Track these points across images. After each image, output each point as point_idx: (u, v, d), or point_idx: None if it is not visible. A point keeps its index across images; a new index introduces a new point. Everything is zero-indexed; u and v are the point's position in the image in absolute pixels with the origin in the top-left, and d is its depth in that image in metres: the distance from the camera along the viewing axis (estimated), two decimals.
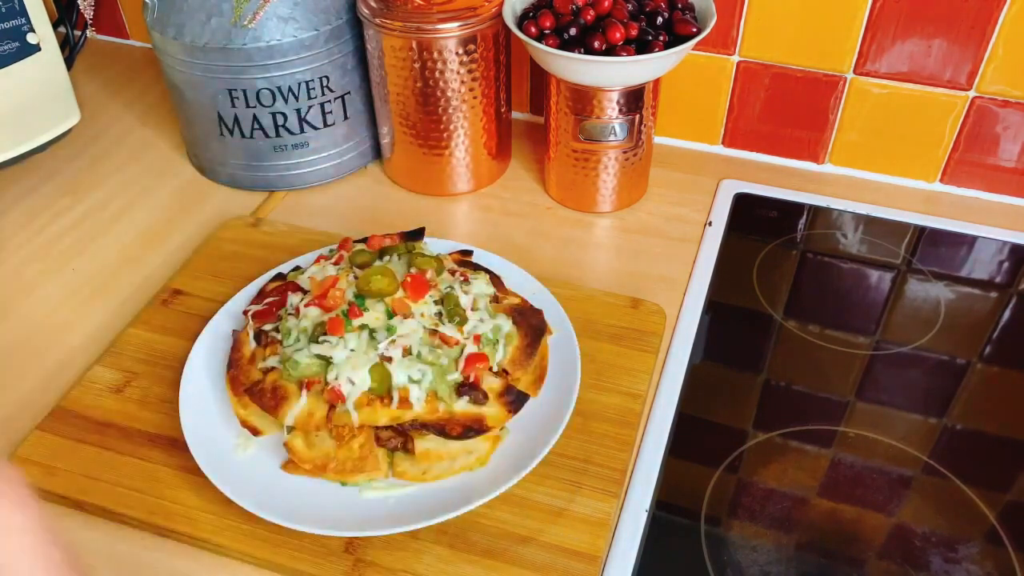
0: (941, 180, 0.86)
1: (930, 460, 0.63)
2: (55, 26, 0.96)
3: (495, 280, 0.67)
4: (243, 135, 0.82)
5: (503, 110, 0.84)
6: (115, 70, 1.07)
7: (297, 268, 0.68)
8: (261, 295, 0.66)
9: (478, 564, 0.55)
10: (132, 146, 0.94)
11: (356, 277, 0.61)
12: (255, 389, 0.59)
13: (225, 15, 0.76)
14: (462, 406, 0.58)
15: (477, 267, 0.68)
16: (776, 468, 0.62)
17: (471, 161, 0.84)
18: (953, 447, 0.64)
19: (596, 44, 0.71)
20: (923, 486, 0.61)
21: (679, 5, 0.75)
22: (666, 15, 0.74)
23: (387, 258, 0.64)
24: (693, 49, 0.81)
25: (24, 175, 0.89)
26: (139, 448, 0.61)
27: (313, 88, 0.80)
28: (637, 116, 0.76)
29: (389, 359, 0.57)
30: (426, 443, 0.58)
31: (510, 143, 0.90)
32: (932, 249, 0.80)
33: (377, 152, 0.90)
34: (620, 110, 0.75)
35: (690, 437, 0.64)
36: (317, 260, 0.65)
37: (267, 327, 0.62)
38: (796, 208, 0.85)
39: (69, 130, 0.85)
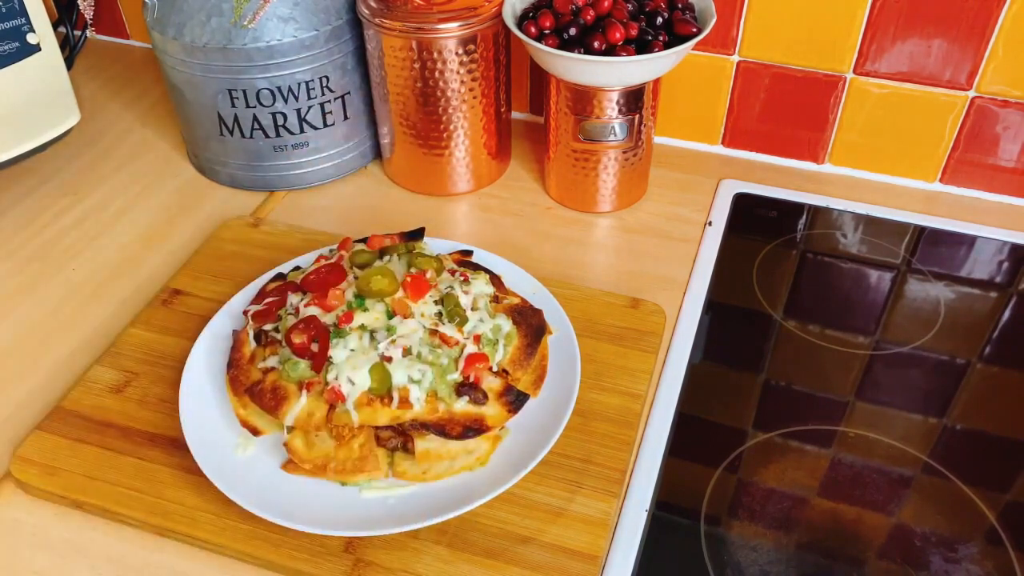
0: (941, 180, 0.86)
1: (930, 460, 0.63)
2: (55, 26, 0.96)
3: (495, 280, 0.67)
4: (243, 135, 0.82)
5: (503, 110, 0.84)
6: (115, 70, 1.07)
7: (297, 268, 0.68)
8: (261, 295, 0.66)
9: (478, 564, 0.55)
10: (132, 146, 0.94)
11: (356, 277, 0.61)
12: (255, 389, 0.59)
13: (225, 15, 0.76)
14: (462, 406, 0.58)
15: (477, 267, 0.68)
16: (776, 468, 0.62)
17: (471, 161, 0.84)
18: (953, 447, 0.64)
19: (596, 44, 0.71)
20: (923, 486, 0.61)
21: (679, 5, 0.75)
22: (666, 15, 0.74)
23: (387, 258, 0.64)
24: (693, 49, 0.81)
25: (24, 175, 0.89)
26: (139, 448, 0.61)
27: (313, 88, 0.80)
28: (637, 116, 0.76)
29: (389, 359, 0.57)
30: (426, 443, 0.58)
31: (510, 143, 0.90)
32: (932, 249, 0.80)
33: (377, 152, 0.90)
34: (620, 110, 0.75)
35: (690, 437, 0.64)
36: (317, 260, 0.65)
37: (267, 327, 0.62)
38: (796, 208, 0.85)
39: (69, 130, 0.85)
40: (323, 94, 0.81)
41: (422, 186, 0.86)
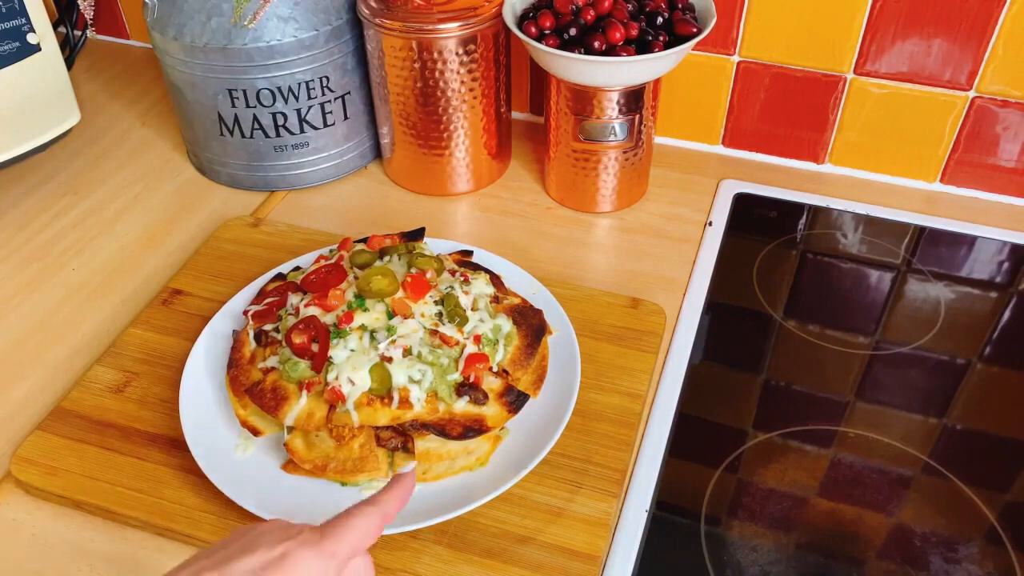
0: (941, 180, 0.86)
1: (930, 460, 0.63)
2: (55, 26, 0.96)
3: (495, 280, 0.67)
4: (243, 135, 0.82)
5: (503, 110, 0.84)
6: (115, 70, 1.07)
7: (297, 268, 0.68)
8: (261, 295, 0.66)
9: (477, 564, 0.55)
10: (132, 146, 0.94)
11: (356, 277, 0.61)
12: (255, 389, 0.59)
13: (225, 15, 0.76)
14: (462, 406, 0.58)
15: (477, 267, 0.68)
16: (776, 468, 0.62)
17: (471, 161, 0.84)
18: (953, 447, 0.64)
19: (596, 44, 0.71)
20: (923, 486, 0.61)
21: (679, 5, 0.75)
22: (666, 15, 0.74)
23: (387, 258, 0.64)
24: (693, 49, 0.81)
25: (24, 175, 0.89)
26: (139, 448, 0.61)
27: (313, 88, 0.80)
28: (637, 116, 0.76)
29: (389, 359, 0.57)
30: (426, 443, 0.58)
31: (510, 143, 0.90)
32: (932, 249, 0.80)
33: (377, 152, 0.90)
34: (620, 110, 0.75)
35: (690, 437, 0.64)
36: (317, 260, 0.65)
37: (267, 327, 0.62)
38: (796, 208, 0.85)
39: (69, 130, 0.85)
40: (323, 94, 0.81)
41: (422, 186, 0.86)
